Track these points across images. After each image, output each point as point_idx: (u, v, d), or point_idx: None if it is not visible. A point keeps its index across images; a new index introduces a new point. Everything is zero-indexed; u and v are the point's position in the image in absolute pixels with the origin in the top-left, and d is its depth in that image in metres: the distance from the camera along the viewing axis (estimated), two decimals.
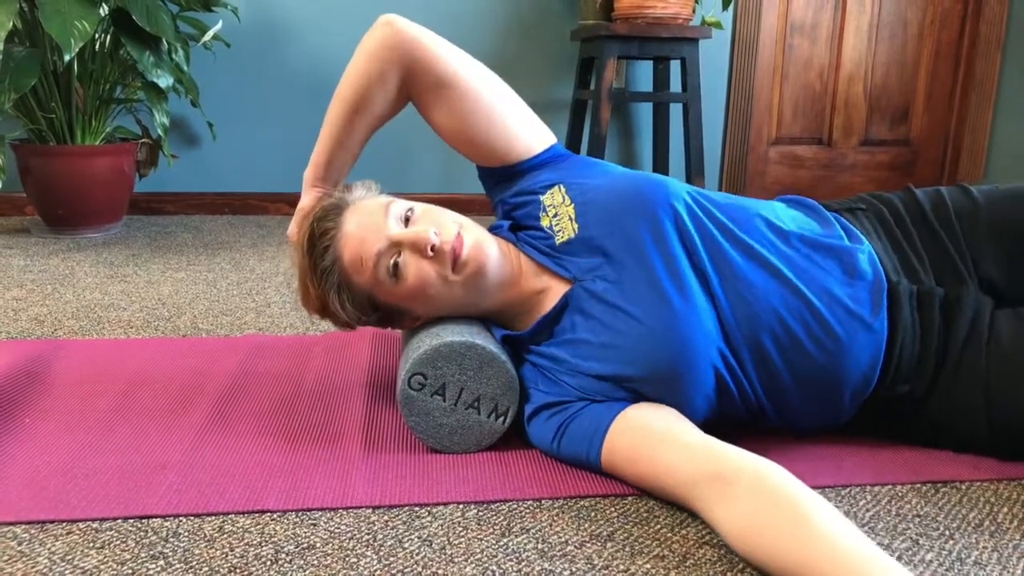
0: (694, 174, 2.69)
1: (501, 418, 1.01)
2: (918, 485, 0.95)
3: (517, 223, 1.12)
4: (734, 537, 0.78)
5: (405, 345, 1.09)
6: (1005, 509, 0.90)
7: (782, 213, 1.06)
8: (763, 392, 0.99)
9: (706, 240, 0.99)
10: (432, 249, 0.98)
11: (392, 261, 0.99)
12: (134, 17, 2.12)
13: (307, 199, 1.13)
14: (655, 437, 0.89)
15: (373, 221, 1.01)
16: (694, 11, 2.62)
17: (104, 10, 2.13)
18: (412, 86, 1.10)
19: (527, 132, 1.13)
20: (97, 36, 2.30)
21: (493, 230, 1.12)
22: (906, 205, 1.10)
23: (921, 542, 0.84)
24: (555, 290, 1.04)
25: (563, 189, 1.07)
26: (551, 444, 0.98)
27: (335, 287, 1.03)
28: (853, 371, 0.97)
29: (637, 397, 0.96)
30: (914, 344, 0.99)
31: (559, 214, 1.06)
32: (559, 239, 1.05)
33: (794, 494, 0.76)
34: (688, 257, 0.98)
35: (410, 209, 1.03)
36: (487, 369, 0.99)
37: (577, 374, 0.98)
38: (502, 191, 1.15)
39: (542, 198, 1.09)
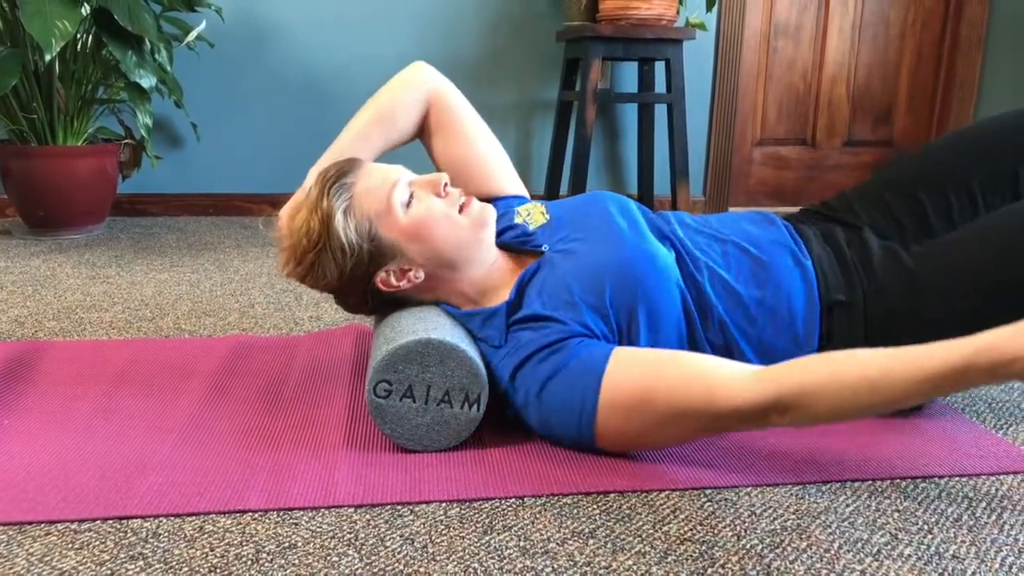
0: (679, 175, 2.70)
1: (474, 406, 1.01)
2: (897, 480, 0.96)
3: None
4: (761, 395, 0.89)
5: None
6: (984, 504, 0.91)
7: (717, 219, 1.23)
8: (724, 312, 1.08)
9: (662, 220, 1.17)
10: (445, 188, 1.08)
11: (405, 194, 1.07)
12: (116, 17, 2.10)
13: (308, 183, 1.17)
14: (663, 354, 0.97)
15: (392, 169, 1.10)
16: (678, 12, 2.63)
17: (86, 10, 2.12)
18: (432, 113, 1.25)
19: (508, 177, 1.30)
20: (79, 36, 2.29)
21: None
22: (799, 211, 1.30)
23: (900, 536, 0.84)
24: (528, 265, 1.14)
25: (535, 202, 1.23)
26: (542, 384, 0.99)
27: (343, 207, 1.05)
28: (796, 287, 1.10)
29: (618, 331, 1.04)
30: (832, 264, 1.12)
31: (531, 212, 1.19)
32: (532, 226, 1.16)
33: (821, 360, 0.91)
34: (648, 222, 1.15)
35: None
36: (449, 361, 0.99)
37: (558, 307, 1.03)
38: None
39: (516, 208, 1.23)
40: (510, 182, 1.30)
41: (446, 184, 1.08)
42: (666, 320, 1.05)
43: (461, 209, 1.08)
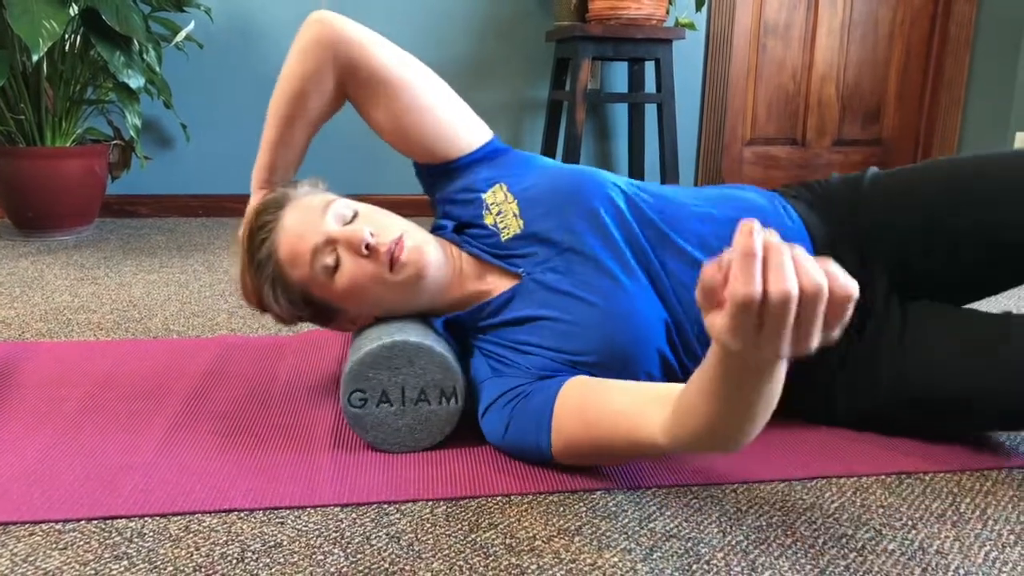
0: (668, 174, 2.71)
1: (452, 399, 1.00)
2: (883, 477, 0.96)
3: (460, 223, 1.12)
4: (670, 433, 0.79)
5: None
6: (967, 499, 0.92)
7: (710, 194, 1.10)
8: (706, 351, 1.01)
9: (645, 227, 1.03)
10: (367, 248, 0.97)
11: (329, 259, 0.99)
12: (104, 17, 2.10)
13: (254, 201, 1.13)
14: (604, 387, 0.90)
15: (311, 218, 1.01)
16: (668, 12, 2.64)
17: (74, 10, 2.11)
18: (347, 84, 1.10)
19: (463, 129, 1.13)
20: (67, 36, 2.28)
21: (436, 231, 1.12)
22: (826, 194, 1.13)
23: (884, 532, 0.85)
24: (501, 287, 1.05)
25: (504, 187, 1.08)
26: (503, 431, 0.97)
27: (270, 280, 1.03)
28: None
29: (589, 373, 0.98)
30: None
31: (503, 211, 1.06)
32: (504, 236, 1.05)
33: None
34: (629, 246, 1.02)
35: (355, 211, 1.03)
36: (418, 360, 0.98)
37: (532, 355, 0.99)
38: (440, 189, 1.15)
39: (484, 196, 1.09)
40: (465, 135, 1.12)
41: (367, 244, 0.97)
42: (638, 375, 0.99)
43: (392, 264, 0.98)
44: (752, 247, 0.58)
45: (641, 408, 0.85)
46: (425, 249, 1.00)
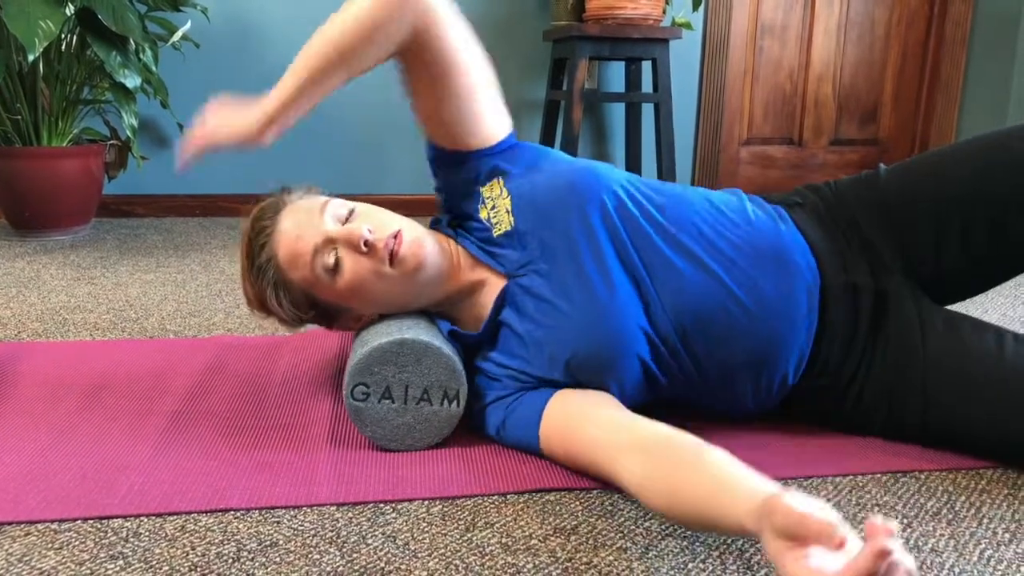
0: (665, 174, 2.71)
1: (454, 402, 1.01)
2: (879, 475, 0.97)
3: (456, 215, 1.13)
4: (636, 486, 0.83)
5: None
6: (963, 498, 0.92)
7: (720, 203, 1.06)
8: (694, 376, 1.02)
9: (633, 233, 1.01)
10: (365, 244, 0.98)
11: (329, 258, 1.00)
12: (100, 17, 2.10)
13: (255, 128, 1.02)
14: (583, 416, 0.93)
15: (309, 219, 1.02)
16: (664, 12, 2.64)
17: (70, 10, 2.11)
18: (410, 50, 1.01)
19: (489, 120, 1.09)
20: (63, 36, 2.28)
21: (432, 225, 1.13)
22: (837, 197, 1.10)
23: None
24: (492, 283, 1.06)
25: (501, 182, 1.08)
26: (496, 435, 1.02)
27: (271, 284, 1.04)
28: (779, 364, 1.02)
29: (569, 383, 1.00)
30: (842, 340, 1.02)
31: (496, 206, 1.07)
32: (496, 231, 1.06)
33: (695, 443, 0.82)
34: (615, 250, 1.00)
35: (351, 210, 1.04)
36: (425, 360, 0.99)
37: (514, 369, 1.02)
38: (446, 174, 1.12)
39: (481, 190, 1.09)
40: (489, 128, 1.09)
41: (366, 241, 0.98)
42: (624, 383, 1.00)
43: (392, 259, 0.99)
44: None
45: (617, 451, 0.87)
46: (423, 242, 1.01)
